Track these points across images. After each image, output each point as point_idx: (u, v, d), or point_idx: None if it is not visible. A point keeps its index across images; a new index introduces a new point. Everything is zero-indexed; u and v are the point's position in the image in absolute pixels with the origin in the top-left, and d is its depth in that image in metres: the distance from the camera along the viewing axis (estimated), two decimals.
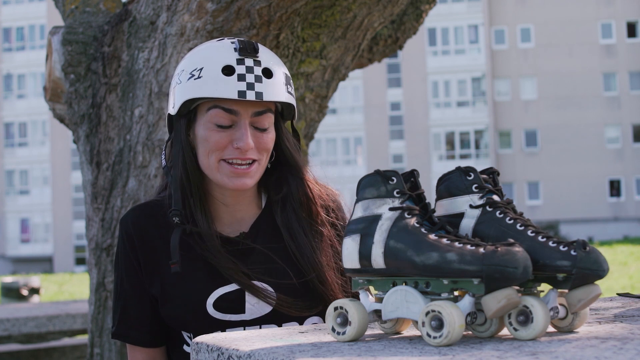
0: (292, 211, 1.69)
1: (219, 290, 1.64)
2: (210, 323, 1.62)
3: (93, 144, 2.99)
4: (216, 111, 1.59)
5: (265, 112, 1.60)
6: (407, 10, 3.93)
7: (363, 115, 41.18)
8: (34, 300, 10.53)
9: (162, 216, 1.68)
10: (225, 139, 1.59)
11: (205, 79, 1.57)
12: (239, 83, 1.55)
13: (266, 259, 1.67)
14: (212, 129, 1.60)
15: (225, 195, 1.68)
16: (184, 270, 1.63)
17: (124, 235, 1.70)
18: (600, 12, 40.92)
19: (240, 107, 1.58)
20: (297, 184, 1.69)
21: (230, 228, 1.70)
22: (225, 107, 1.58)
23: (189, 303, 1.64)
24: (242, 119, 1.59)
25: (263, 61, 1.59)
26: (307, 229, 1.69)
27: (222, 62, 1.57)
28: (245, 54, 1.58)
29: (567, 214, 39.82)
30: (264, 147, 1.62)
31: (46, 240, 42.24)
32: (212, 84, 1.56)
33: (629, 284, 13.75)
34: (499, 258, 1.11)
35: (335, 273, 1.69)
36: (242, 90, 1.55)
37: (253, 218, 1.72)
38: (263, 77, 1.57)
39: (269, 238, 1.70)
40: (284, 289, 1.65)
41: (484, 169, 1.30)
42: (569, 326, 1.22)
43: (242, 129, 1.59)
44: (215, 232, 1.65)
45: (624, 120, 40.49)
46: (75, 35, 3.05)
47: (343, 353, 1.11)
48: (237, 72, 1.56)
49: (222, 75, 1.56)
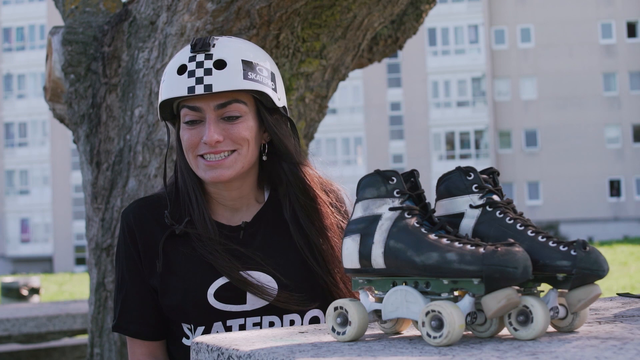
0: (296, 200, 1.70)
1: (220, 280, 1.65)
2: (211, 313, 1.64)
3: (93, 144, 2.99)
4: (184, 110, 1.63)
5: (230, 102, 1.61)
6: (407, 10, 3.93)
7: (363, 115, 41.18)
8: (34, 300, 10.52)
9: (163, 209, 1.71)
10: (196, 136, 1.63)
11: (165, 83, 1.63)
12: (188, 80, 1.58)
13: (268, 248, 1.69)
14: (184, 128, 1.64)
15: (219, 192, 1.71)
16: (184, 260, 1.66)
17: (125, 228, 1.72)
18: (600, 12, 40.91)
19: (202, 103, 1.61)
20: (291, 170, 1.70)
21: (232, 220, 1.72)
22: (189, 105, 1.62)
23: (189, 293, 1.65)
24: (207, 114, 1.61)
25: (216, 54, 1.60)
26: (312, 214, 1.70)
27: (178, 63, 1.62)
28: (197, 50, 1.60)
29: (567, 214, 39.81)
30: (237, 137, 1.62)
31: (46, 240, 42.23)
32: (169, 86, 1.62)
33: (629, 284, 13.74)
34: (499, 258, 1.11)
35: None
36: (191, 86, 1.58)
37: (255, 211, 1.74)
38: (214, 69, 1.58)
39: (271, 229, 1.71)
40: (285, 279, 1.66)
41: (484, 169, 1.30)
42: (569, 326, 1.22)
43: (206, 124, 1.61)
44: (213, 227, 1.66)
45: (624, 120, 40.48)
46: (75, 35, 3.05)
47: (343, 353, 1.11)
48: (188, 70, 1.59)
49: (176, 75, 1.60)
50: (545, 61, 40.85)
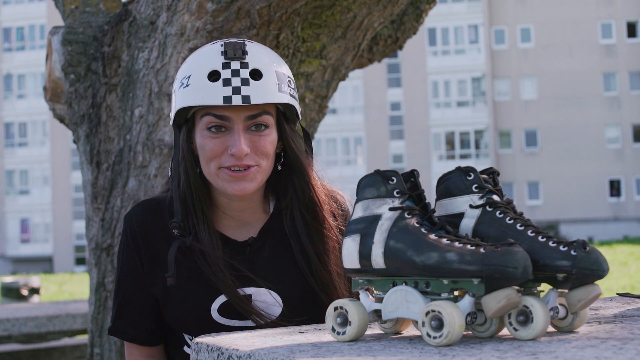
0: (300, 216, 1.65)
1: (224, 295, 1.61)
2: (214, 328, 1.60)
3: (93, 144, 2.99)
4: (208, 118, 1.55)
5: (260, 114, 1.55)
6: (407, 10, 3.93)
7: (363, 115, 41.17)
8: (34, 300, 10.52)
9: (166, 216, 1.66)
10: (220, 146, 1.55)
11: (192, 87, 1.53)
12: (224, 88, 1.51)
13: (274, 263, 1.65)
14: (206, 136, 1.56)
15: (230, 202, 1.65)
16: (188, 274, 1.62)
17: (128, 233, 1.68)
18: (600, 12, 40.91)
19: (232, 113, 1.54)
20: (302, 188, 1.64)
21: (238, 233, 1.67)
22: (217, 113, 1.54)
23: (192, 307, 1.62)
24: (235, 125, 1.54)
25: (252, 62, 1.54)
26: (314, 236, 1.65)
27: (209, 68, 1.53)
28: (231, 58, 1.53)
29: (567, 214, 39.81)
30: (262, 151, 1.57)
31: (46, 240, 42.22)
32: (199, 92, 1.53)
33: (629, 284, 13.74)
34: (499, 258, 1.11)
35: (345, 282, 1.66)
36: (227, 95, 1.50)
37: (261, 223, 1.69)
38: (250, 80, 1.52)
39: (277, 243, 1.67)
40: (290, 294, 1.63)
41: (484, 169, 1.30)
42: (569, 326, 1.22)
43: (235, 134, 1.54)
44: (217, 243, 1.61)
45: (624, 120, 40.47)
46: (75, 35, 3.05)
47: (343, 353, 1.11)
48: (222, 77, 1.52)
49: (208, 82, 1.52)
50: (545, 61, 40.84)
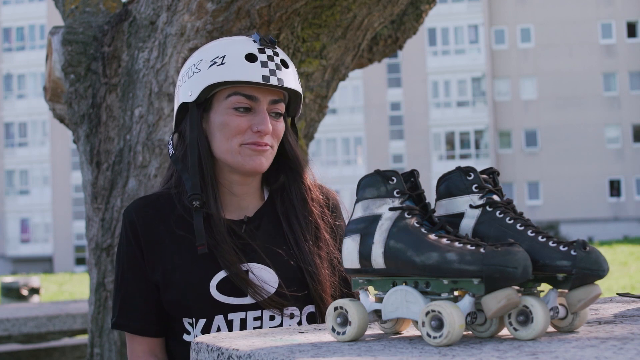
0: (289, 201, 1.77)
1: (222, 272, 1.66)
2: (213, 306, 1.65)
3: (93, 144, 2.99)
4: (237, 98, 1.66)
5: (280, 101, 1.70)
6: (407, 10, 3.93)
7: (363, 115, 41.17)
8: (34, 300, 10.52)
9: (165, 206, 1.73)
10: (245, 124, 1.67)
11: (229, 65, 1.65)
12: (262, 69, 1.64)
13: (269, 242, 1.73)
14: (232, 114, 1.67)
15: (233, 184, 1.74)
16: (187, 255, 1.68)
17: (127, 225, 1.73)
18: (600, 12, 40.91)
19: (260, 94, 1.67)
20: (294, 177, 1.78)
21: (235, 215, 1.75)
22: (246, 93, 1.66)
23: (192, 286, 1.66)
24: (261, 105, 1.67)
25: (280, 53, 1.70)
26: (302, 221, 1.76)
27: (245, 51, 1.66)
28: (266, 45, 1.68)
29: (567, 214, 39.81)
30: (277, 134, 1.70)
31: (46, 240, 42.23)
32: (237, 69, 1.64)
33: (629, 284, 13.74)
34: (499, 258, 1.11)
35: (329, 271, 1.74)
36: (265, 75, 1.64)
37: (257, 207, 1.78)
38: (282, 66, 1.67)
39: (272, 225, 1.76)
40: (285, 272, 1.69)
41: (484, 169, 1.30)
42: (569, 326, 1.22)
43: (261, 113, 1.67)
44: (223, 219, 1.70)
45: (624, 120, 40.47)
46: (75, 35, 3.05)
47: (343, 353, 1.11)
48: (259, 60, 1.65)
49: (246, 61, 1.64)
50: (545, 61, 40.84)
